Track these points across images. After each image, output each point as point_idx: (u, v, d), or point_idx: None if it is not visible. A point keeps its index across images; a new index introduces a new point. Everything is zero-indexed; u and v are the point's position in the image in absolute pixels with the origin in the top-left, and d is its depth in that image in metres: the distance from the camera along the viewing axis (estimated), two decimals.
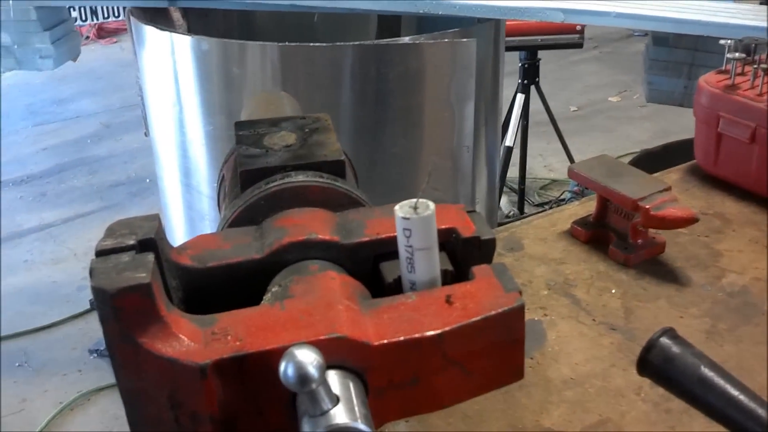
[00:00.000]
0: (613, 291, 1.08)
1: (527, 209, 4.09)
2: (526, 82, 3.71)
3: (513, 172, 4.00)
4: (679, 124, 4.87)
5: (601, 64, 6.65)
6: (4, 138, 5.65)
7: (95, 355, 3.32)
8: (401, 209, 0.65)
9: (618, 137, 5.11)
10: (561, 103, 5.32)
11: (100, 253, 0.59)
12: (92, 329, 3.44)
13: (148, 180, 4.82)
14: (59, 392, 3.13)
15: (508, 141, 3.61)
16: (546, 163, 4.74)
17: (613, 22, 1.95)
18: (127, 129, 5.62)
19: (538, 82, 3.76)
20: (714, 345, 0.98)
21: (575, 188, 3.87)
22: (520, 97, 3.70)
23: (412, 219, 0.64)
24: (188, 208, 2.44)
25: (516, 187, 4.02)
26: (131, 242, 0.60)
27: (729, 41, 1.32)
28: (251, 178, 0.74)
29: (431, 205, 0.65)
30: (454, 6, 2.01)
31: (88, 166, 5.16)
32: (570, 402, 0.89)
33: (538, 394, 0.90)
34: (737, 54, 1.29)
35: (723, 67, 1.33)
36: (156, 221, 0.64)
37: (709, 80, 1.31)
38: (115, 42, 7.79)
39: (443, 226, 0.70)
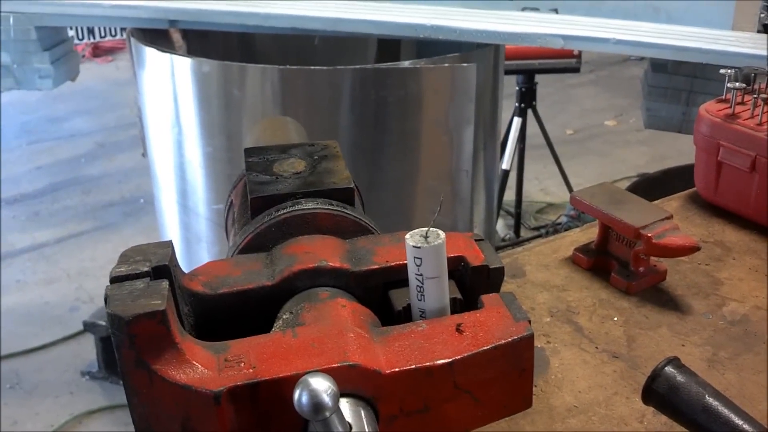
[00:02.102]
0: (615, 319, 1.08)
1: (523, 233, 4.11)
2: (523, 105, 3.73)
3: (509, 195, 4.01)
4: (675, 149, 4.91)
5: (597, 88, 6.69)
6: None
7: (87, 377, 3.31)
8: (412, 238, 0.66)
9: (614, 161, 5.13)
10: (557, 127, 5.35)
11: (115, 280, 0.60)
12: (84, 351, 3.43)
13: (142, 200, 4.81)
14: (51, 415, 3.11)
15: (505, 164, 3.63)
16: (542, 186, 4.76)
17: (613, 49, 1.97)
18: (121, 149, 5.62)
19: (535, 105, 3.78)
20: (716, 373, 0.98)
21: (572, 212, 3.89)
22: (517, 121, 3.72)
23: (423, 248, 0.65)
24: (185, 230, 2.45)
25: (512, 210, 4.04)
26: (145, 269, 0.61)
27: (729, 71, 1.33)
28: (262, 205, 0.75)
29: (441, 234, 0.66)
30: (454, 31, 2.03)
31: (82, 186, 5.15)
32: (574, 430, 0.89)
33: (542, 421, 0.90)
34: (737, 83, 1.30)
35: (723, 96, 1.34)
36: (169, 248, 0.64)
37: (709, 109, 1.32)
38: (111, 61, 7.81)
39: (452, 255, 0.70)
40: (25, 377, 3.33)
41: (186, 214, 2.37)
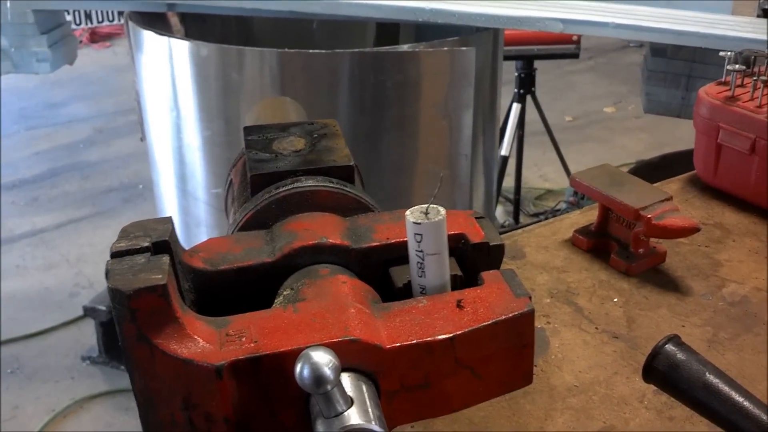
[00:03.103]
0: (615, 300, 1.08)
1: (522, 219, 4.11)
2: (522, 91, 3.72)
3: (508, 181, 4.01)
4: (674, 136, 4.90)
5: (596, 75, 6.68)
6: None
7: (88, 362, 3.31)
8: (412, 214, 0.66)
9: (613, 148, 5.13)
10: (556, 113, 5.35)
11: (115, 255, 0.60)
12: (85, 336, 3.43)
13: (140, 186, 4.81)
14: (52, 399, 3.12)
15: (504, 150, 3.63)
16: (541, 173, 4.76)
17: (612, 33, 1.96)
18: (119, 134, 5.61)
19: (534, 91, 3.77)
20: (716, 354, 0.99)
21: (571, 198, 3.89)
22: (516, 107, 3.72)
23: (424, 224, 0.65)
24: (184, 214, 2.44)
25: (511, 197, 4.04)
26: (146, 244, 0.61)
27: (729, 53, 1.33)
28: (261, 182, 0.75)
29: (442, 210, 0.66)
30: (453, 14, 2.02)
31: (80, 171, 5.15)
32: (574, 409, 0.89)
33: (543, 401, 0.90)
34: (737, 66, 1.30)
35: (723, 79, 1.34)
36: (169, 224, 0.64)
37: (709, 91, 1.32)
38: (108, 46, 7.78)
39: (452, 232, 0.70)
40: (26, 362, 3.33)
41: (185, 198, 2.37)
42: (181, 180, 2.36)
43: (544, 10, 2.00)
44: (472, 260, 0.71)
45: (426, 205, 0.65)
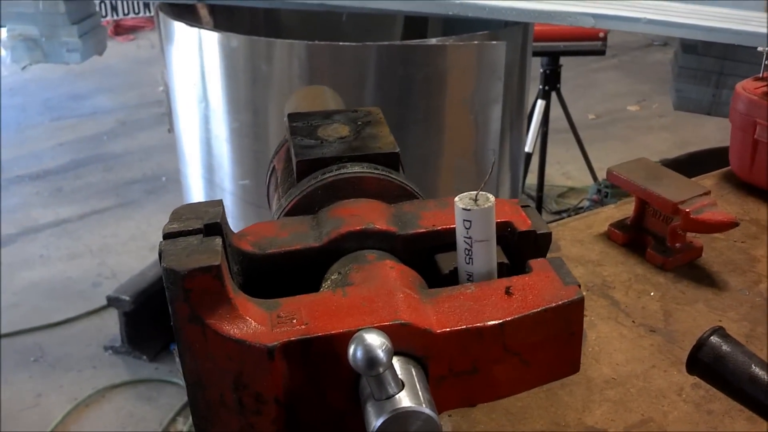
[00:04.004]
0: (652, 294, 1.08)
1: (544, 217, 4.09)
2: (547, 88, 3.71)
3: (531, 179, 3.99)
4: (698, 135, 4.87)
5: (620, 73, 6.64)
6: (21, 133, 5.68)
7: (110, 351, 3.33)
8: (461, 201, 0.66)
9: (636, 147, 5.10)
10: (579, 111, 5.32)
11: (168, 236, 0.60)
12: (107, 326, 3.45)
13: (164, 178, 4.83)
14: (74, 388, 3.14)
15: (528, 147, 3.61)
16: (564, 170, 4.73)
17: (644, 29, 1.95)
18: (143, 127, 5.64)
19: (559, 88, 3.76)
20: (753, 348, 0.97)
21: (594, 196, 3.87)
22: (540, 103, 3.70)
23: (473, 210, 0.65)
24: None
25: (534, 194, 4.02)
26: (198, 226, 0.61)
27: (767, 48, 1.31)
28: (307, 168, 0.75)
29: (491, 197, 0.66)
30: (483, 8, 2.02)
31: (104, 163, 5.17)
32: (612, 401, 0.89)
33: (581, 392, 0.90)
34: None
35: (761, 74, 1.32)
36: (220, 206, 0.65)
37: (746, 87, 1.31)
38: (132, 39, 7.82)
39: (499, 220, 0.70)
40: (49, 351, 3.36)
41: (212, 189, 2.38)
42: (208, 171, 2.37)
43: (576, 4, 1.99)
44: (518, 248, 0.71)
45: (475, 192, 0.65)
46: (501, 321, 0.61)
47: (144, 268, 3.40)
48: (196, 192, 2.49)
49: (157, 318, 3.19)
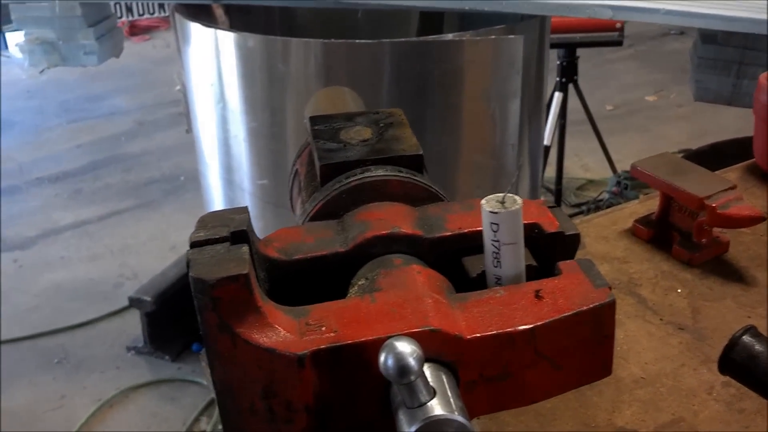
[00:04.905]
0: (679, 290, 1.07)
1: (564, 210, 4.06)
2: (564, 80, 3.69)
3: (549, 171, 3.97)
4: (717, 124, 4.83)
5: (636, 63, 6.59)
6: (39, 135, 5.71)
7: (133, 352, 3.35)
8: (488, 203, 0.65)
9: (655, 137, 5.06)
10: (597, 102, 5.28)
11: (195, 245, 0.60)
12: (129, 326, 3.47)
13: (182, 177, 4.84)
14: (98, 389, 3.16)
15: (546, 140, 3.59)
16: (582, 163, 4.71)
17: (662, 20, 1.93)
18: (160, 127, 5.66)
19: (577, 80, 3.73)
20: None
21: (614, 188, 3.84)
22: (558, 96, 3.68)
23: (501, 213, 0.64)
24: (230, 204, 2.46)
25: (552, 187, 4.00)
26: (225, 234, 0.61)
27: None
28: (331, 172, 0.74)
29: (519, 199, 0.65)
30: (500, 2, 2.00)
31: (122, 164, 5.20)
32: (642, 401, 0.88)
33: (610, 392, 0.89)
34: None
35: None
36: (246, 213, 0.64)
37: None
38: (148, 39, 7.84)
39: (526, 221, 0.69)
40: (72, 352, 3.38)
41: (231, 189, 2.38)
42: (227, 171, 2.37)
43: None
44: (546, 250, 0.70)
45: (502, 194, 0.65)
46: (532, 326, 0.60)
47: (165, 269, 3.41)
48: (215, 192, 2.50)
49: (179, 318, 3.20)
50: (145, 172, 5.03)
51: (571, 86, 3.75)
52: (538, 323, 0.60)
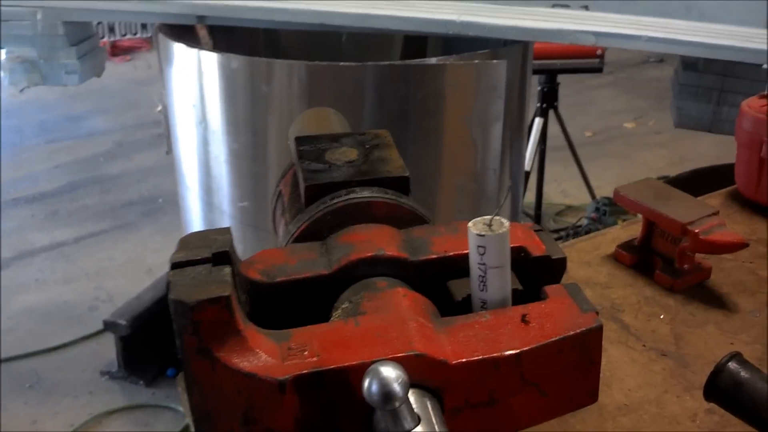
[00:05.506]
0: (662, 316, 1.06)
1: None
2: (545, 106, 3.71)
3: (529, 197, 3.98)
4: (695, 151, 4.87)
5: (616, 90, 6.65)
6: (17, 155, 5.66)
7: (107, 376, 3.29)
8: (475, 226, 0.64)
9: (634, 164, 5.10)
10: (576, 128, 5.31)
11: (176, 266, 0.58)
12: (104, 350, 3.41)
13: (160, 200, 4.81)
14: (70, 414, 3.10)
15: (526, 165, 3.60)
16: (561, 188, 4.72)
17: (645, 47, 1.94)
18: (140, 148, 5.62)
19: (557, 106, 3.76)
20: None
21: (592, 214, 3.86)
22: (538, 121, 3.70)
23: (488, 236, 0.63)
24: (209, 227, 2.42)
25: (532, 212, 4.01)
26: (206, 255, 0.59)
27: None
28: (316, 193, 0.73)
29: (506, 222, 0.64)
30: (483, 27, 2.01)
31: (100, 185, 5.15)
32: (625, 428, 0.87)
33: (593, 420, 0.88)
34: None
35: (766, 92, 1.31)
36: (229, 234, 0.63)
37: (752, 105, 1.30)
38: (129, 60, 7.82)
39: (512, 245, 0.68)
40: (45, 376, 3.32)
41: (210, 211, 2.36)
42: (207, 193, 2.35)
43: (577, 23, 1.98)
44: (533, 274, 0.69)
45: (489, 217, 0.64)
46: (518, 351, 0.59)
47: (140, 292, 3.37)
48: (194, 214, 2.48)
49: (154, 342, 3.16)
50: (123, 194, 4.99)
51: (551, 112, 3.77)
52: (525, 348, 0.59)
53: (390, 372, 0.51)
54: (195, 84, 2.19)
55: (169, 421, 3.03)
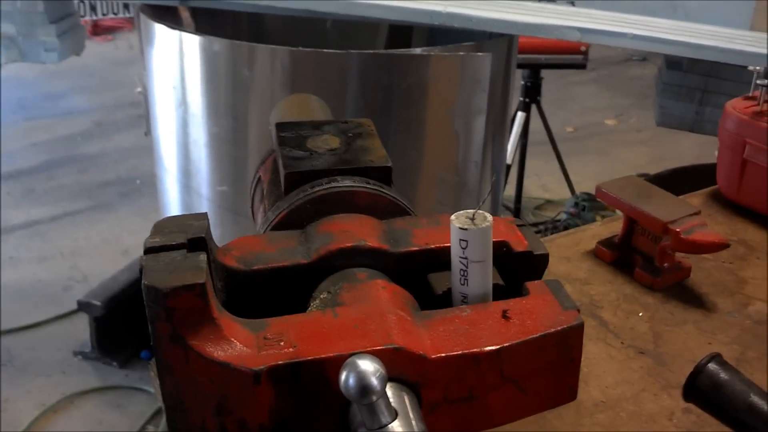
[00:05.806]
0: (641, 314, 1.06)
1: None
2: (527, 100, 3.71)
3: (509, 190, 3.98)
4: (675, 150, 4.89)
5: (598, 87, 6.67)
6: None
7: (80, 357, 3.26)
8: (458, 219, 0.63)
9: (613, 161, 5.11)
10: (557, 124, 5.32)
11: (150, 251, 0.57)
12: (77, 330, 3.38)
13: (138, 181, 4.76)
14: (42, 393, 3.07)
15: (507, 159, 3.60)
16: (542, 183, 4.73)
17: (629, 44, 1.94)
18: (119, 128, 5.56)
19: (540, 101, 3.75)
20: (744, 373, 0.96)
21: (571, 209, 3.87)
22: (520, 116, 3.70)
23: (470, 230, 0.62)
24: (186, 210, 2.41)
25: (511, 206, 4.01)
26: (182, 240, 0.58)
27: (758, 67, 1.30)
28: (297, 180, 0.72)
29: (489, 216, 0.63)
30: (469, 19, 2.00)
31: (78, 164, 5.10)
32: (602, 425, 0.87)
33: (570, 416, 0.88)
34: (767, 80, 1.27)
35: (750, 93, 1.31)
36: (205, 220, 0.62)
37: (735, 106, 1.30)
38: (110, 40, 7.74)
39: (495, 239, 0.67)
40: (18, 355, 3.29)
41: (188, 194, 2.34)
42: (185, 176, 2.33)
43: (562, 18, 1.98)
44: (514, 269, 0.68)
45: (472, 211, 0.63)
46: (498, 347, 0.58)
47: (116, 273, 3.34)
48: (172, 196, 2.45)
49: (128, 324, 3.14)
50: (100, 174, 4.94)
51: (533, 107, 3.77)
52: (505, 344, 0.58)
53: (368, 365, 0.50)
54: (176, 66, 2.16)
55: (142, 403, 3.01)
